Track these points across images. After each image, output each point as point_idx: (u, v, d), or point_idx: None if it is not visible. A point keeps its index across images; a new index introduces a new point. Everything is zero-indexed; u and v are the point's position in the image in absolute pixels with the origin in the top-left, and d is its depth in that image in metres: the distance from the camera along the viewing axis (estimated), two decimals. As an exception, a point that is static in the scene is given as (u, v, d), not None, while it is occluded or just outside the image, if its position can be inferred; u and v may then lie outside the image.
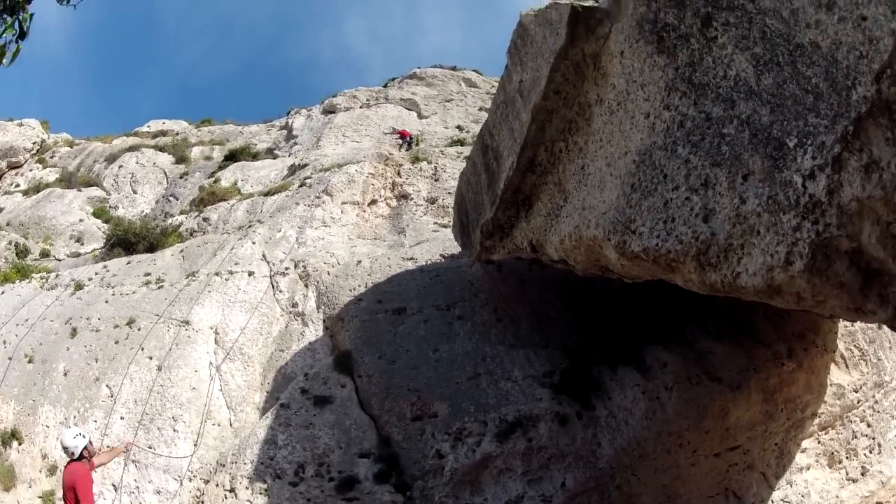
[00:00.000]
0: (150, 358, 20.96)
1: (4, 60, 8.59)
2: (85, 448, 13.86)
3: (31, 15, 8.75)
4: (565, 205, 13.63)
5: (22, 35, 8.67)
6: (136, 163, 46.12)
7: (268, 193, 35.17)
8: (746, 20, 8.42)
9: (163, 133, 55.29)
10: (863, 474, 19.35)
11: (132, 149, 48.44)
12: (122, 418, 19.02)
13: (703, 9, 9.29)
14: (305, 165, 37.86)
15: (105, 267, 28.46)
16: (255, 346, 21.85)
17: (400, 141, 40.96)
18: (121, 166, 45.79)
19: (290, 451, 16.69)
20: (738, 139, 8.33)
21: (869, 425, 19.79)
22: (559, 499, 15.65)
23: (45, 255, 34.92)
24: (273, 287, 24.58)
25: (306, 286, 24.20)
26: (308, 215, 29.87)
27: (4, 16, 8.56)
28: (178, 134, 54.32)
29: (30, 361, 21.38)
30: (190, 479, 17.74)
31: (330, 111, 48.95)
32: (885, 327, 17.64)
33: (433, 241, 26.01)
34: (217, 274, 25.35)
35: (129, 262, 28.68)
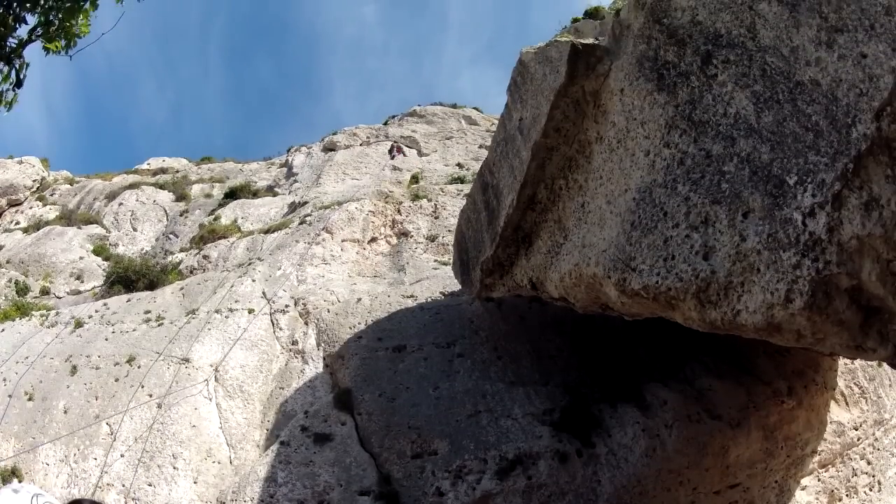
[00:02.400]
0: (150, 395, 20.92)
1: (2, 108, 8.68)
2: None
3: (27, 64, 8.84)
4: (565, 242, 13.66)
5: (18, 83, 8.75)
6: (136, 200, 46.22)
7: (268, 231, 35.23)
8: (746, 58, 8.49)
9: (163, 171, 55.48)
10: (863, 512, 19.30)
11: (132, 186, 48.59)
12: (122, 456, 18.95)
13: (704, 46, 9.37)
14: (305, 203, 37.96)
15: (105, 304, 28.46)
16: (256, 384, 21.82)
17: (395, 154, 44.42)
18: (121, 204, 45.89)
19: (290, 488, 16.62)
20: (739, 177, 8.38)
21: (869, 463, 19.74)
22: (560, 537, 15.62)
23: (45, 292, 34.91)
24: (273, 324, 24.58)
25: (306, 324, 24.20)
26: (308, 253, 29.90)
27: (0, 64, 8.65)
28: (178, 171, 54.50)
29: (30, 399, 21.34)
30: (189, 518, 17.70)
31: (330, 149, 49.10)
32: (885, 365, 17.63)
33: (433, 278, 26.02)
34: (217, 311, 25.36)
35: (129, 300, 28.68)
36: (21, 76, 8.75)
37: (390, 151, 46.54)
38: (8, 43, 8.66)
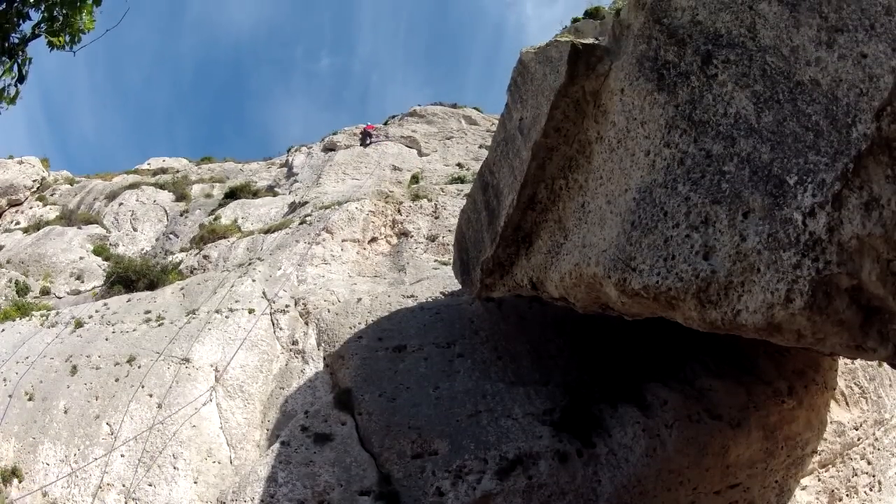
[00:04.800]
0: (151, 395, 20.91)
1: (4, 103, 8.67)
2: None
3: (30, 59, 8.84)
4: (565, 242, 13.66)
5: (21, 78, 8.76)
6: (137, 200, 46.17)
7: (268, 231, 35.19)
8: (747, 58, 8.50)
9: (163, 171, 55.42)
10: (864, 512, 19.31)
11: (132, 186, 48.50)
12: (122, 456, 18.94)
13: (704, 46, 9.37)
14: (305, 203, 37.91)
15: (105, 304, 28.42)
16: (256, 384, 21.80)
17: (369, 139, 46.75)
18: (121, 204, 45.83)
19: (290, 488, 16.62)
20: (739, 177, 8.38)
21: (869, 463, 19.75)
22: (560, 537, 15.62)
23: (45, 292, 34.88)
24: (273, 324, 24.56)
25: (306, 324, 24.18)
26: (308, 253, 29.87)
27: (3, 59, 8.65)
28: (178, 171, 54.43)
29: (30, 399, 21.32)
30: (190, 517, 17.70)
31: (330, 149, 49.07)
32: (885, 365, 17.65)
33: (433, 278, 26.00)
34: (217, 311, 25.34)
35: (129, 300, 28.63)
36: (24, 71, 8.76)
37: (363, 141, 48.77)
38: (11, 39, 8.67)
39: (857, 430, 19.56)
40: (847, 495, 19.26)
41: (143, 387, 21.20)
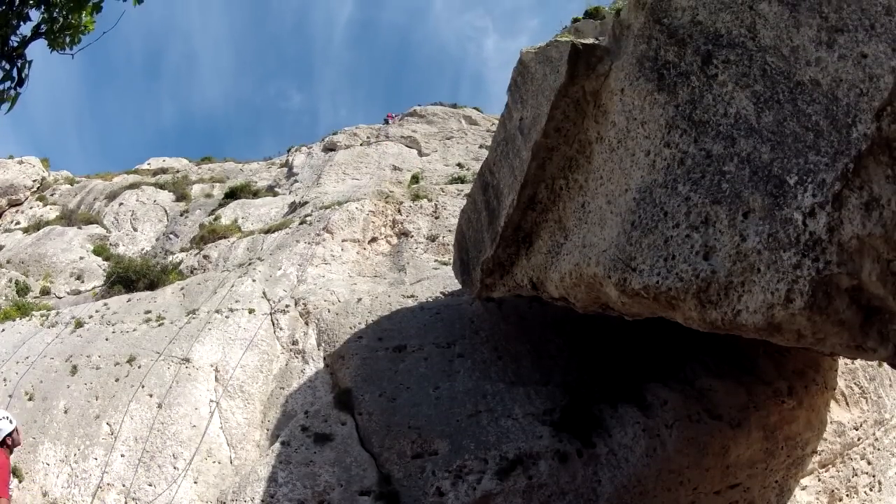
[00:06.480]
0: (151, 395, 20.88)
1: (3, 107, 8.62)
2: (9, 435, 13.54)
3: (30, 62, 8.80)
4: (566, 242, 13.65)
5: (20, 82, 8.71)
6: (137, 200, 46.17)
7: (268, 231, 35.16)
8: (747, 58, 8.50)
9: (163, 171, 55.42)
10: (864, 512, 19.30)
11: (132, 186, 48.49)
12: (122, 456, 18.92)
13: (704, 46, 9.37)
14: (306, 203, 37.90)
15: (105, 304, 28.39)
16: (256, 384, 21.78)
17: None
18: (121, 204, 45.83)
19: (290, 488, 16.61)
20: (739, 177, 8.38)
21: (869, 463, 19.74)
22: (560, 537, 15.61)
23: (45, 292, 34.86)
24: (273, 324, 24.54)
25: (307, 324, 24.17)
26: (308, 253, 29.87)
27: (2, 62, 8.61)
28: (178, 171, 54.44)
29: (30, 399, 21.30)
30: (190, 517, 17.69)
31: (330, 149, 49.06)
32: (885, 365, 17.63)
33: (434, 278, 26.00)
34: (217, 311, 25.33)
35: (129, 300, 28.60)
36: (23, 74, 8.72)
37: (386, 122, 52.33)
38: (11, 41, 8.63)
39: (857, 430, 19.56)
40: (847, 495, 19.25)
41: (143, 387, 21.18)
